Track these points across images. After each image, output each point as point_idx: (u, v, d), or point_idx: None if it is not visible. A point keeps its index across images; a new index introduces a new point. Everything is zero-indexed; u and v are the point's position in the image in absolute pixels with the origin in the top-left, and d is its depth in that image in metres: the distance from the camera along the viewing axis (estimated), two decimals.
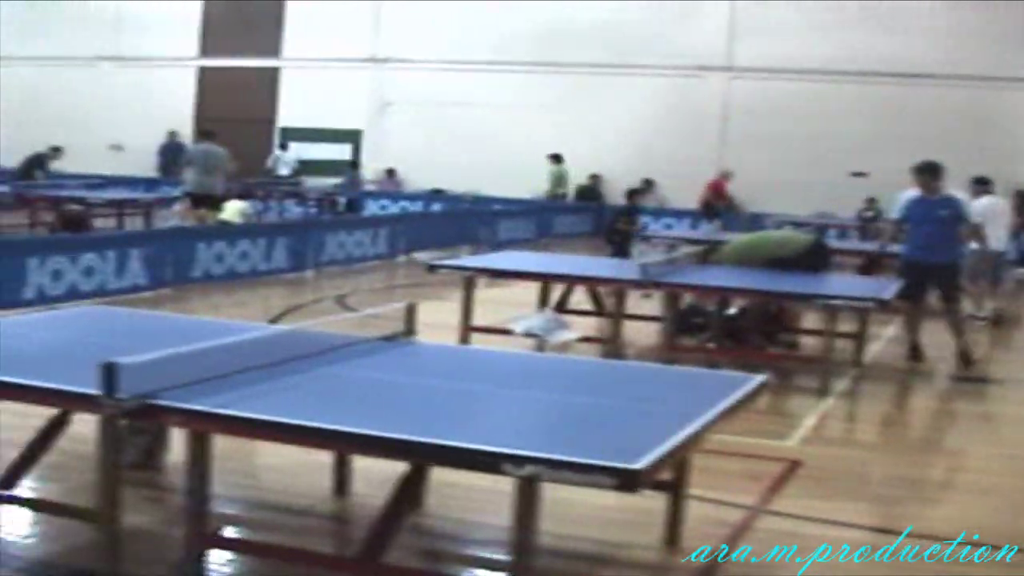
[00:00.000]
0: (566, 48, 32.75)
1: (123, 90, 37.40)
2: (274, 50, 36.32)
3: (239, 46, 36.41)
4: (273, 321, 14.55)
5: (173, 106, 36.79)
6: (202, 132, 23.71)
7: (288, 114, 36.39)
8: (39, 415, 6.91)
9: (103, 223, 23.72)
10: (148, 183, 33.21)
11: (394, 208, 31.71)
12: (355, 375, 6.35)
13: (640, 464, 4.60)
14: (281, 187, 32.42)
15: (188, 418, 5.36)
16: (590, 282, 13.75)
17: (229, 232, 18.74)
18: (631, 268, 12.87)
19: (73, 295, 14.99)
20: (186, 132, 35.90)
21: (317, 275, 19.80)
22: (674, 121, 32.06)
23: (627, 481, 4.54)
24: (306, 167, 35.01)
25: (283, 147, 35.36)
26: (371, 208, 31.79)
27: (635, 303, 13.69)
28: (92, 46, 37.98)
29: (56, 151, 30.40)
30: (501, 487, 5.14)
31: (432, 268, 13.09)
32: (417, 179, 34.61)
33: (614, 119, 32.52)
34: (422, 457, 5.23)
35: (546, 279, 13.76)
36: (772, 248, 13.85)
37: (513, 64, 33.33)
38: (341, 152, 35.30)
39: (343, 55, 34.99)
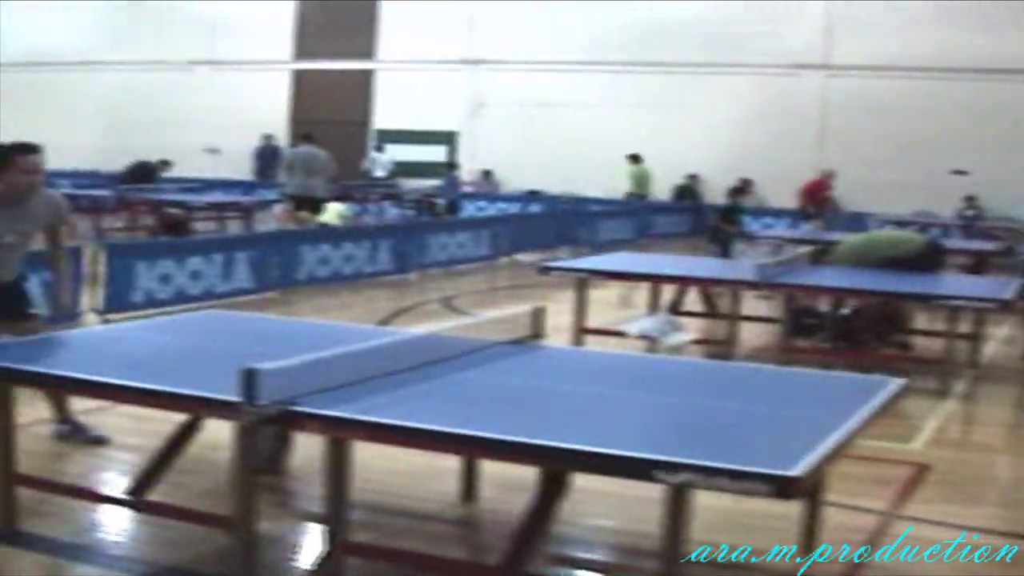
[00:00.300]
0: (660, 47, 32.57)
1: (218, 94, 37.67)
2: (369, 52, 36.44)
3: (333, 49, 36.56)
4: (383, 323, 14.54)
5: (268, 109, 37.01)
6: (302, 135, 23.81)
7: (383, 116, 36.50)
8: (155, 419, 6.92)
9: (203, 226, 23.81)
10: (244, 186, 33.43)
11: (491, 210, 31.65)
12: (488, 380, 6.29)
13: (797, 471, 4.48)
14: (378, 189, 32.47)
15: (327, 424, 5.29)
16: (705, 283, 13.60)
17: (334, 235, 18.75)
18: (747, 268, 12.70)
19: (180, 299, 15.07)
20: (281, 135, 36.17)
21: (420, 277, 19.76)
22: (771, 120, 31.78)
23: (784, 489, 4.42)
24: (401, 169, 35.01)
25: (379, 149, 35.38)
26: (468, 210, 31.74)
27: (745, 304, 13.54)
28: (187, 50, 38.33)
29: (165, 164, 30.63)
30: (627, 492, 5.02)
31: (544, 270, 12.99)
32: (512, 180, 34.58)
33: (709, 118, 32.31)
34: (570, 464, 5.11)
35: (662, 280, 13.59)
36: (886, 248, 13.62)
37: (606, 64, 33.20)
38: (436, 154, 35.29)
39: (437, 57, 35.03)
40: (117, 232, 24.09)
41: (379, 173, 34.47)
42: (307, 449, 7.22)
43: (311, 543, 6.36)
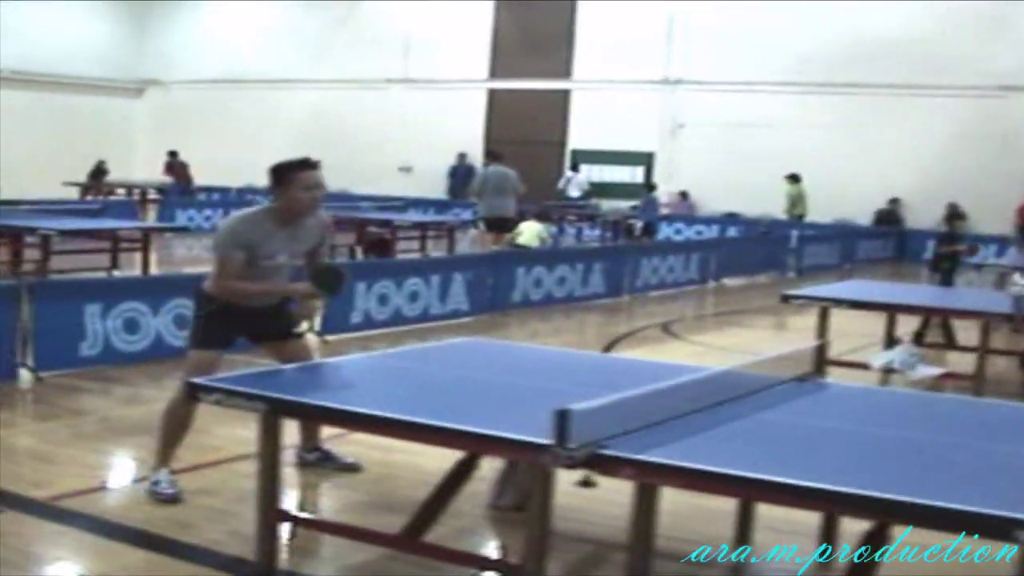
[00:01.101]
0: (861, 68, 31.76)
1: (413, 112, 37.72)
2: (565, 72, 36.15)
3: (529, 68, 36.33)
4: (607, 349, 14.17)
5: (463, 128, 36.91)
6: (491, 154, 23.52)
7: (579, 136, 36.13)
8: (394, 448, 6.58)
9: (402, 246, 23.63)
10: (438, 205, 33.34)
11: (689, 232, 31.24)
12: (788, 420, 5.87)
13: None
14: (576, 209, 32.20)
15: (643, 470, 4.88)
16: (951, 314, 12.98)
17: (549, 257, 18.43)
18: (999, 300, 12.09)
19: (398, 320, 14.90)
20: (475, 154, 36.00)
21: (631, 300, 19.36)
22: (977, 143, 30.80)
23: None
24: (596, 189, 34.66)
25: (573, 169, 35.08)
26: (665, 232, 31.34)
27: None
28: (382, 69, 38.45)
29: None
30: None
31: (786, 299, 12.45)
32: (708, 201, 34.03)
33: (912, 140, 31.44)
34: (905, 517, 4.63)
35: (910, 311, 12.93)
36: None
37: (806, 85, 32.52)
38: (631, 175, 34.93)
39: (634, 77, 34.62)
40: None
41: (573, 193, 34.17)
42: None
43: None
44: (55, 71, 39.90)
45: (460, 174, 36.14)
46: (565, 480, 5.55)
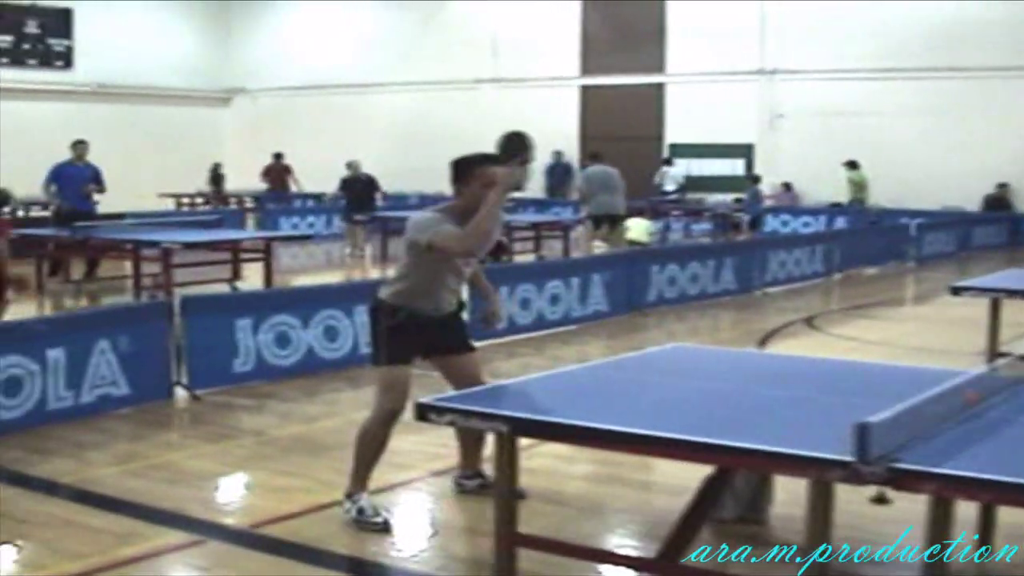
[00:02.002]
0: (964, 50, 30.98)
1: (504, 112, 37.13)
2: (658, 66, 35.57)
3: (621, 63, 35.79)
4: (760, 345, 13.73)
5: (556, 126, 36.38)
6: (590, 154, 23.27)
7: (674, 129, 35.51)
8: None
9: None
10: (537, 204, 32.89)
11: (796, 224, 30.71)
12: None
13: None
14: (670, 203, 31.78)
15: (944, 484, 4.49)
16: None
17: (682, 254, 18.01)
18: None
19: (540, 324, 14.60)
20: (571, 152, 35.56)
21: (762, 295, 18.87)
22: None
23: None
24: (693, 183, 34.14)
25: (668, 163, 34.50)
26: (771, 225, 30.80)
27: None
28: (472, 69, 38.05)
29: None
30: None
31: (956, 291, 11.89)
32: (812, 192, 33.42)
33: (1017, 123, 30.68)
34: None
35: None
36: None
37: (907, 70, 31.74)
38: (730, 167, 34.35)
39: (729, 68, 34.01)
40: None
41: (669, 187, 33.69)
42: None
43: None
44: (142, 83, 39.84)
45: (557, 173, 35.72)
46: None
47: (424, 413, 5.76)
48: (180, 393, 10.66)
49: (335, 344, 11.92)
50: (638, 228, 22.88)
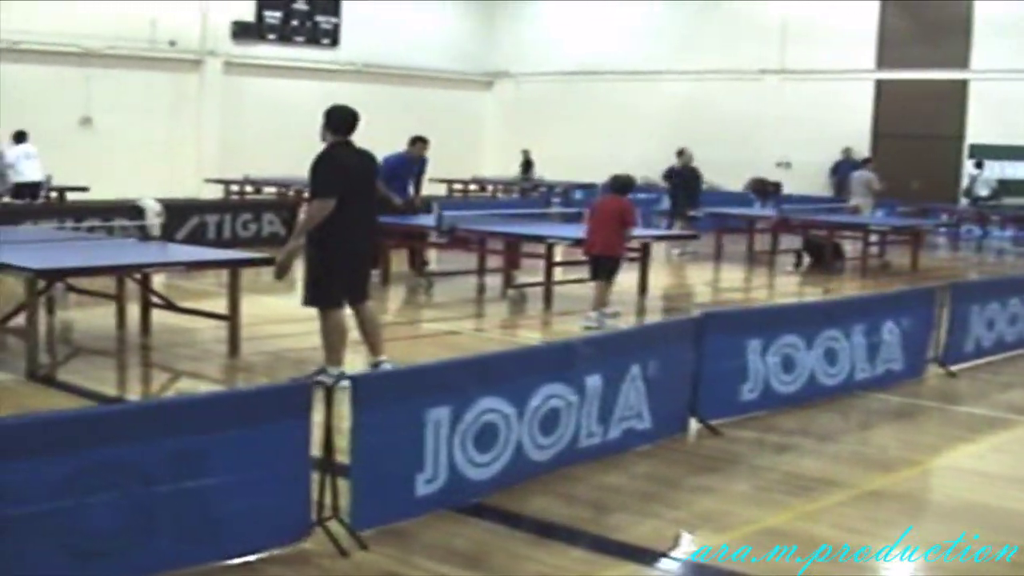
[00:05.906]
0: None
1: (791, 104, 35.53)
2: (962, 61, 33.41)
3: (921, 57, 33.78)
4: None
5: (847, 122, 34.59)
6: (861, 159, 21.68)
7: (978, 130, 33.27)
8: None
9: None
10: (823, 202, 30.97)
11: None
12: None
13: None
14: (986, 210, 29.82)
15: None
16: None
17: None
18: None
19: (1000, 346, 12.96)
20: (862, 149, 33.64)
21: None
22: None
23: None
24: (1006, 188, 31.92)
25: (979, 166, 32.24)
26: None
27: None
28: (757, 58, 36.37)
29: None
30: None
31: None
32: None
33: None
34: None
35: None
36: None
37: None
38: None
39: None
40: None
41: (982, 192, 31.54)
42: None
43: None
44: (405, 63, 39.01)
45: (844, 170, 33.78)
46: None
47: None
48: (692, 424, 9.22)
49: (835, 368, 10.43)
50: None
